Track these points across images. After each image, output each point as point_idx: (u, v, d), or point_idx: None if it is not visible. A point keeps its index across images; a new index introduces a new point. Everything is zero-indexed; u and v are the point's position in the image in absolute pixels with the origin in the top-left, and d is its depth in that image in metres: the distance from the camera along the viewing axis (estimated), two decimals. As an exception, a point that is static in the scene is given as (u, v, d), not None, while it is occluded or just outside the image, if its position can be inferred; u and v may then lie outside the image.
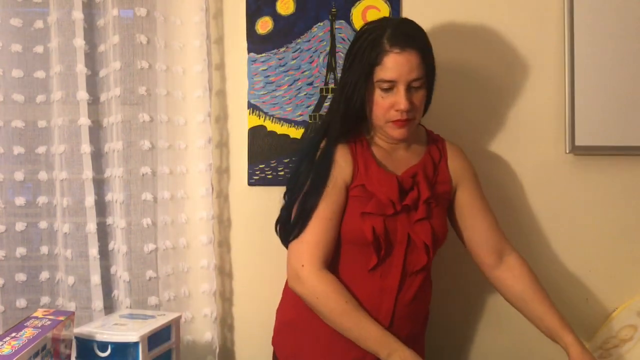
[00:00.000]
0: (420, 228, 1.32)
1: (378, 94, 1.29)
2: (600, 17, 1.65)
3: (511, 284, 1.41)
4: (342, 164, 1.33)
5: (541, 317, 1.37)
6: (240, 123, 1.67)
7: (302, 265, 1.28)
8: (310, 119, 1.66)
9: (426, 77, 1.31)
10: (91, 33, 1.60)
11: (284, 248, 1.53)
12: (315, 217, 1.30)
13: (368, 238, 1.28)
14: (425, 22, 1.64)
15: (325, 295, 1.27)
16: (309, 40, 1.66)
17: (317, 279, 1.27)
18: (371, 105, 1.31)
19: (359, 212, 1.30)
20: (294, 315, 1.40)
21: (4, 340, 1.06)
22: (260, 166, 1.66)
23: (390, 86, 1.27)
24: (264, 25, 1.66)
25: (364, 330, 1.26)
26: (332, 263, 1.33)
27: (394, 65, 1.26)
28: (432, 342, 1.52)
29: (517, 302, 1.41)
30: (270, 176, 1.65)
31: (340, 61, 1.65)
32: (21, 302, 1.58)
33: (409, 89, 1.28)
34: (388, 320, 1.31)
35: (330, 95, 1.65)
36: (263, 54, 1.66)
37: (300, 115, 1.66)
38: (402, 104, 1.26)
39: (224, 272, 1.68)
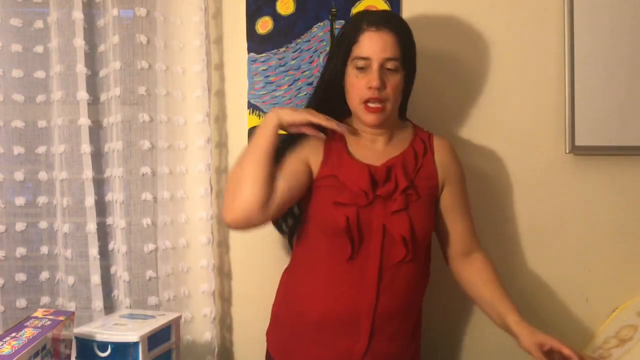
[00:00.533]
0: (397, 219, 1.32)
1: (353, 75, 1.32)
2: (600, 17, 1.65)
3: (469, 274, 1.43)
4: (313, 148, 1.36)
5: (492, 303, 1.38)
6: (240, 123, 1.67)
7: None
8: (310, 119, 1.66)
9: (403, 63, 1.32)
10: (91, 33, 1.60)
11: (283, 248, 1.53)
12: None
13: (341, 226, 1.29)
14: (425, 21, 1.65)
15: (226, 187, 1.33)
16: (309, 40, 1.66)
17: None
18: (348, 89, 1.35)
19: (331, 201, 1.31)
20: (285, 311, 1.42)
21: (4, 340, 1.06)
22: (260, 166, 1.66)
23: (365, 65, 1.30)
24: (264, 25, 1.66)
25: (247, 147, 1.33)
26: (312, 255, 1.35)
27: (369, 42, 1.30)
28: (428, 340, 1.52)
29: (471, 292, 1.43)
30: (270, 176, 1.65)
31: (340, 61, 1.65)
32: (21, 302, 1.58)
33: (383, 70, 1.30)
34: (371, 313, 1.31)
35: (330, 95, 1.65)
36: (263, 54, 1.66)
37: (300, 115, 1.66)
38: (374, 80, 1.29)
39: (223, 272, 1.68)
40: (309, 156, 1.36)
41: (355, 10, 1.64)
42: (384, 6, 1.64)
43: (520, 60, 1.67)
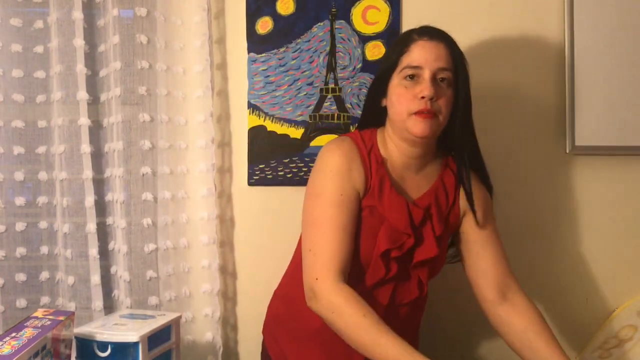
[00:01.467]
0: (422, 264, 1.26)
1: (402, 85, 1.22)
2: (600, 16, 1.65)
3: (513, 320, 1.28)
4: (354, 173, 1.24)
5: (546, 358, 1.23)
6: (240, 123, 1.67)
7: (316, 279, 1.17)
8: (310, 119, 1.66)
9: (455, 78, 1.24)
10: (91, 33, 1.60)
11: (285, 247, 1.52)
12: (326, 226, 1.20)
13: (381, 275, 1.22)
14: (425, 21, 1.64)
15: (340, 309, 1.14)
16: (309, 40, 1.66)
17: (332, 292, 1.15)
18: (394, 102, 1.24)
19: (373, 237, 1.22)
20: (283, 310, 1.40)
21: (4, 340, 1.06)
22: (260, 166, 1.66)
23: (416, 73, 1.21)
24: (264, 25, 1.66)
25: (383, 347, 1.10)
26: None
27: (421, 50, 1.21)
28: (426, 344, 1.52)
29: (519, 342, 1.27)
30: (270, 176, 1.65)
31: (340, 61, 1.65)
32: (21, 302, 1.58)
33: (435, 80, 1.21)
34: None
35: (330, 95, 1.66)
36: (263, 54, 1.66)
37: (300, 115, 1.66)
38: (427, 89, 1.18)
39: (226, 271, 1.68)
40: (358, 186, 1.24)
41: (355, 10, 1.65)
42: (384, 6, 1.64)
43: (520, 60, 1.67)
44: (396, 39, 1.33)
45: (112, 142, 1.58)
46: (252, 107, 1.66)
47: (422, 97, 1.19)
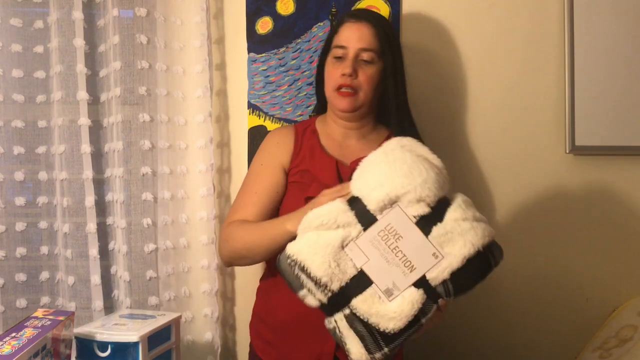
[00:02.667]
0: None
1: (331, 64, 1.37)
2: (600, 17, 1.65)
3: None
4: (281, 146, 1.39)
5: None
6: (240, 123, 1.67)
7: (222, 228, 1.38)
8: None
9: (380, 55, 1.34)
10: (91, 33, 1.60)
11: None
12: (244, 191, 1.40)
13: None
14: (424, 21, 1.65)
15: (230, 231, 1.33)
16: (309, 40, 1.66)
17: (225, 225, 1.36)
18: (326, 78, 1.38)
19: (302, 196, 1.31)
20: (262, 305, 1.43)
21: (4, 340, 1.06)
22: (260, 166, 1.66)
23: (342, 54, 1.35)
24: (264, 25, 1.66)
25: (263, 228, 1.27)
26: None
27: (347, 31, 1.36)
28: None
29: None
30: (270, 176, 1.65)
31: (340, 61, 1.66)
32: (21, 302, 1.58)
33: (358, 60, 1.34)
34: None
35: (330, 95, 1.66)
36: (263, 54, 1.66)
37: (300, 115, 1.66)
38: (347, 67, 1.32)
39: (226, 272, 1.68)
40: (281, 158, 1.39)
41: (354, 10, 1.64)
42: (384, 6, 1.64)
43: (520, 61, 1.67)
44: (332, 25, 1.51)
45: (112, 142, 1.58)
46: (252, 107, 1.66)
47: (343, 75, 1.33)
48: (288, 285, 1.11)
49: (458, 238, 1.04)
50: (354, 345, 1.07)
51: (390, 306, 1.05)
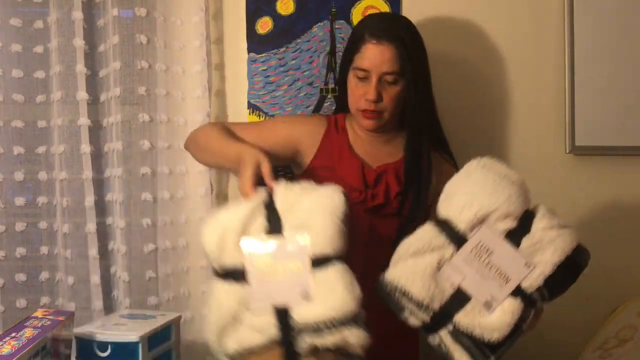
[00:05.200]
0: (386, 222, 1.34)
1: (354, 83, 1.35)
2: (600, 17, 1.65)
3: None
4: (310, 134, 1.39)
5: None
6: (240, 123, 1.67)
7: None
8: (310, 119, 1.66)
9: (403, 74, 1.32)
10: (91, 33, 1.60)
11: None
12: (250, 126, 1.46)
13: None
14: (424, 22, 1.65)
15: (207, 126, 1.42)
16: (309, 40, 1.66)
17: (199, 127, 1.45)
18: (349, 93, 1.37)
19: None
20: None
21: (4, 340, 1.06)
22: (260, 166, 1.66)
23: (365, 76, 1.32)
24: (264, 25, 1.66)
25: (227, 142, 1.30)
26: None
27: (369, 55, 1.31)
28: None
29: None
30: (270, 176, 1.65)
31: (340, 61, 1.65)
32: (21, 302, 1.58)
33: (382, 82, 1.32)
34: None
35: (330, 95, 1.65)
36: (263, 54, 1.66)
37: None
38: (370, 93, 1.31)
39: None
40: (302, 140, 1.39)
41: (355, 10, 1.65)
42: (384, 6, 1.64)
43: (520, 61, 1.67)
44: (356, 25, 1.46)
45: (111, 142, 1.58)
46: (252, 107, 1.66)
47: (367, 100, 1.32)
48: (389, 309, 1.14)
49: (547, 246, 1.09)
50: (462, 357, 1.10)
51: (492, 318, 1.09)
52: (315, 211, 1.08)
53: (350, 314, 1.06)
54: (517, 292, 1.09)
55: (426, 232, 1.12)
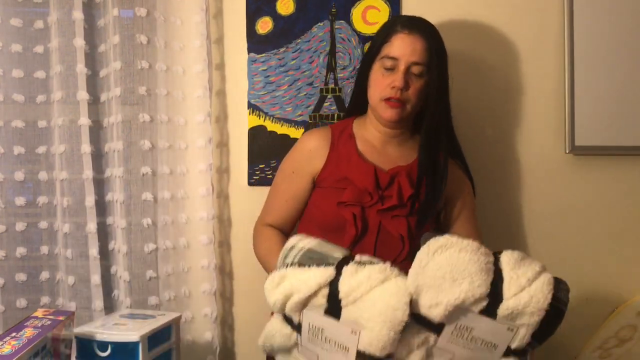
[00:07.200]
0: (396, 222, 1.35)
1: (380, 73, 1.35)
2: (600, 16, 1.65)
3: None
4: (314, 154, 1.41)
5: None
6: (241, 123, 1.67)
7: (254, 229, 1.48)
8: (310, 119, 1.66)
9: (429, 69, 1.34)
10: (91, 33, 1.60)
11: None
12: (275, 194, 1.46)
13: (347, 220, 1.33)
14: (425, 22, 1.64)
15: (256, 238, 1.45)
16: (309, 40, 1.66)
17: (256, 232, 1.46)
18: (371, 85, 1.38)
19: (336, 200, 1.35)
20: None
21: (4, 340, 1.06)
22: (261, 166, 1.66)
23: (393, 65, 1.33)
24: (264, 25, 1.66)
25: (271, 255, 1.33)
26: None
27: (400, 43, 1.33)
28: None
29: None
30: (270, 176, 1.65)
31: (340, 61, 1.66)
32: (21, 302, 1.58)
33: (409, 73, 1.33)
34: None
35: (330, 95, 1.66)
36: (263, 54, 1.66)
37: (300, 115, 1.66)
38: (398, 80, 1.32)
39: (224, 272, 1.68)
40: (313, 167, 1.41)
41: (355, 10, 1.65)
42: (384, 6, 1.64)
43: (520, 61, 1.67)
44: (385, 22, 1.46)
45: (112, 142, 1.58)
46: (252, 107, 1.66)
47: (393, 87, 1.33)
48: None
49: (523, 311, 1.07)
50: None
51: None
52: (374, 319, 1.06)
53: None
54: (509, 351, 1.10)
55: (408, 330, 1.09)
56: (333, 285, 1.09)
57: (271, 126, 1.66)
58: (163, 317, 1.39)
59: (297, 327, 1.14)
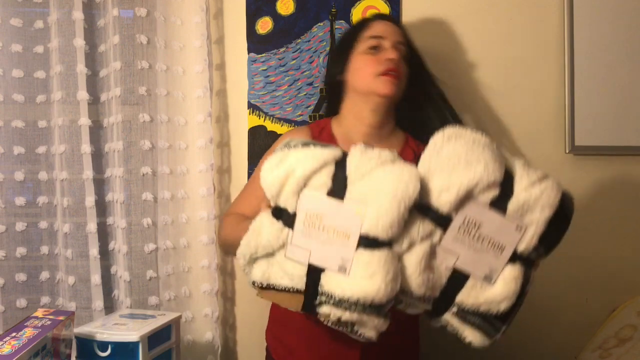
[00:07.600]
0: None
1: (365, 54, 1.33)
2: (600, 16, 1.65)
3: None
4: None
5: None
6: (240, 123, 1.67)
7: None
8: (310, 119, 1.66)
9: (411, 53, 1.37)
10: (91, 33, 1.60)
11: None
12: (248, 190, 1.42)
13: None
14: (424, 22, 1.65)
15: (224, 223, 1.36)
16: (309, 40, 1.66)
17: (224, 217, 1.39)
18: (358, 68, 1.34)
19: None
20: (282, 312, 1.39)
21: (4, 340, 1.06)
22: (261, 166, 1.66)
23: (378, 44, 1.33)
24: (264, 25, 1.66)
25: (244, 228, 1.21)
26: None
27: (381, 25, 1.36)
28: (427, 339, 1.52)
29: None
30: (270, 176, 1.65)
31: (340, 61, 1.66)
32: (21, 302, 1.58)
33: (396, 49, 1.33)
34: None
35: (330, 95, 1.66)
36: (263, 54, 1.66)
37: (300, 115, 1.66)
38: (392, 53, 1.31)
39: (226, 271, 1.68)
40: None
41: (355, 10, 1.65)
42: (384, 6, 1.64)
43: (520, 61, 1.67)
44: (353, 25, 1.49)
45: (112, 142, 1.58)
46: (252, 107, 1.67)
47: (388, 59, 1.31)
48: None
49: (534, 205, 1.05)
50: (472, 335, 1.08)
51: (496, 289, 1.07)
52: (383, 192, 1.01)
53: (377, 304, 1.02)
54: (515, 257, 1.06)
55: (414, 222, 1.05)
56: (339, 165, 1.05)
57: (271, 126, 1.66)
58: (163, 317, 1.39)
59: (290, 221, 1.06)
